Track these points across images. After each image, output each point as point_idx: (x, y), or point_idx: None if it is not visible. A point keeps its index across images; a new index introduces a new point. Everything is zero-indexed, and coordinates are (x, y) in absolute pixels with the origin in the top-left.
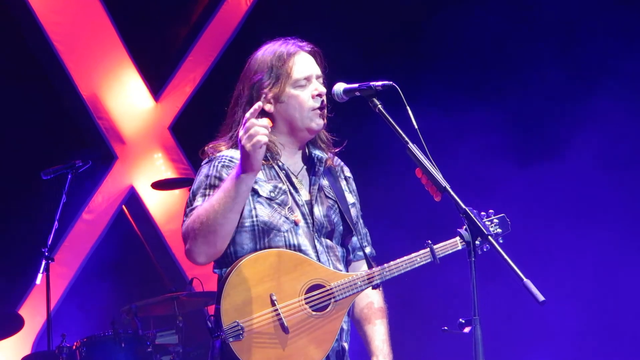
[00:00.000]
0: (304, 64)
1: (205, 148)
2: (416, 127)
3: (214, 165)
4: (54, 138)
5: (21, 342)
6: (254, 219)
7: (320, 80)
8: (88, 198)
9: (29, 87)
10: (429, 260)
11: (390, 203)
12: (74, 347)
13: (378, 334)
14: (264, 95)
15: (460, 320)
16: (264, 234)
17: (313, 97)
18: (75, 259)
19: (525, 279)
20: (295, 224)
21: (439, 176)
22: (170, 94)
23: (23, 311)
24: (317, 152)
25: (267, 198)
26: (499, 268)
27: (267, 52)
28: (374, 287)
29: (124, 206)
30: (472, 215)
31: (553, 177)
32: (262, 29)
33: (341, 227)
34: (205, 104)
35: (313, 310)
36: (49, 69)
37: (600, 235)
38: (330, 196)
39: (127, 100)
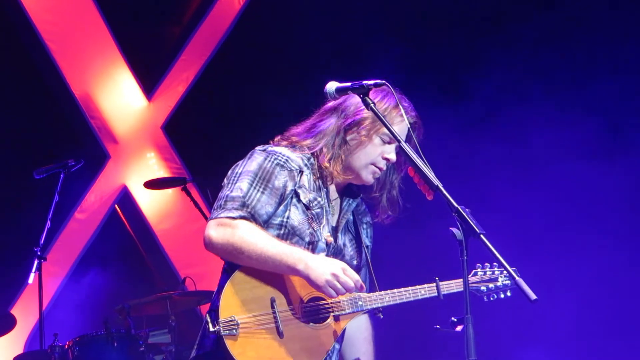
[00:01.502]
0: (402, 129)
1: (276, 138)
2: (408, 125)
3: (270, 160)
4: (46, 137)
5: (13, 342)
6: (285, 219)
7: (398, 148)
8: (81, 197)
9: (22, 86)
10: (434, 294)
11: None
12: (66, 347)
13: None
14: (356, 128)
15: (453, 318)
16: (287, 237)
17: (382, 157)
18: (67, 258)
19: (517, 277)
20: (327, 243)
21: (431, 175)
22: (163, 94)
23: (15, 310)
24: (352, 190)
25: (305, 205)
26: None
27: (391, 99)
28: (375, 312)
29: (116, 205)
30: (464, 214)
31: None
32: (255, 29)
33: (355, 262)
34: (198, 104)
35: (310, 321)
36: (42, 68)
37: (599, 232)
38: (351, 231)
39: (120, 99)
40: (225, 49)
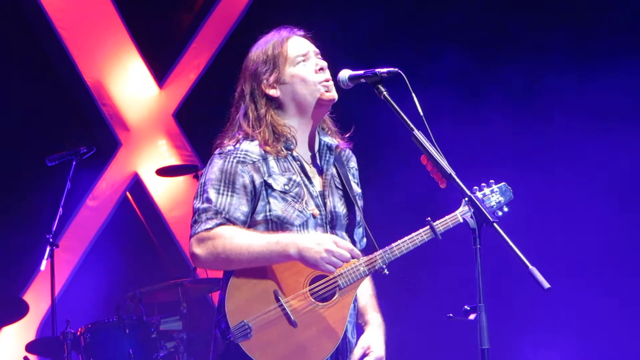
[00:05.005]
0: (298, 43)
1: (217, 143)
2: (421, 113)
3: (229, 161)
4: (58, 125)
5: (26, 328)
6: (268, 213)
7: (319, 56)
8: (92, 185)
9: (34, 74)
10: (431, 237)
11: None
12: (78, 333)
13: (369, 305)
14: (265, 82)
15: (466, 307)
16: (276, 229)
17: (316, 71)
18: (79, 245)
19: (530, 266)
20: (314, 217)
21: (444, 163)
22: (175, 81)
23: (27, 297)
24: (326, 139)
25: (281, 192)
26: (504, 255)
27: (260, 44)
28: (380, 271)
29: (128, 193)
30: (477, 202)
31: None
32: (266, 15)
33: (348, 218)
34: (209, 91)
35: (319, 301)
36: (53, 56)
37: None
38: (339, 186)
39: (131, 87)
40: (237, 36)
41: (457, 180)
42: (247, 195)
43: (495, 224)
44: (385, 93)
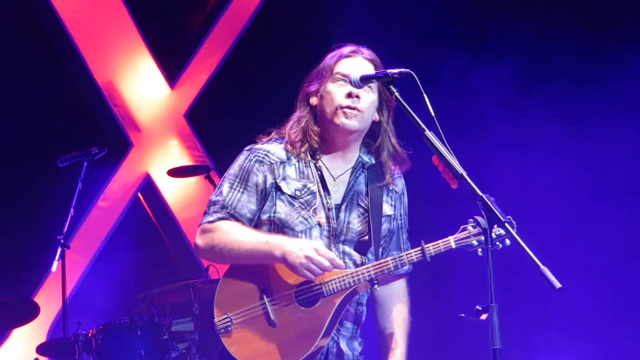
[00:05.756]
0: (349, 64)
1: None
2: (433, 114)
3: (249, 158)
4: (69, 125)
5: (37, 330)
6: (272, 214)
7: (365, 86)
8: (104, 185)
9: (45, 75)
10: (420, 258)
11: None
12: (89, 335)
13: (399, 346)
14: (312, 91)
15: (477, 307)
16: (278, 231)
17: (345, 96)
18: (90, 246)
19: (542, 266)
20: (319, 225)
21: (455, 163)
22: (186, 81)
23: (39, 298)
24: (363, 157)
25: (290, 196)
26: (516, 255)
27: (327, 55)
28: (372, 285)
29: (139, 193)
30: (489, 203)
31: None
32: (277, 16)
33: (366, 237)
34: (221, 91)
35: (302, 305)
36: (65, 56)
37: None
38: (362, 204)
39: (143, 87)
40: (248, 36)
41: (469, 180)
42: (258, 194)
43: (507, 224)
44: (397, 94)
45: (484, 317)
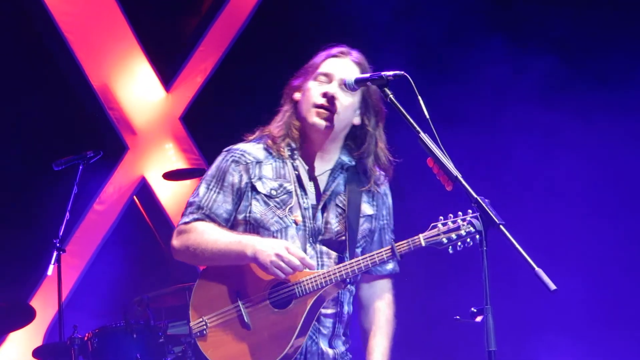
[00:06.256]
0: (334, 64)
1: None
2: (427, 116)
3: (226, 159)
4: (64, 129)
5: (33, 334)
6: (248, 214)
7: (342, 86)
8: (99, 189)
9: (40, 78)
10: (390, 257)
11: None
12: (85, 338)
13: (379, 347)
14: (296, 88)
15: (472, 309)
16: (253, 231)
17: (320, 94)
18: (86, 250)
19: (536, 268)
20: (295, 223)
21: (450, 165)
22: (181, 84)
23: (34, 302)
24: (343, 157)
25: (265, 195)
26: (511, 257)
27: (319, 52)
28: (344, 285)
29: (135, 197)
30: (483, 205)
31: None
32: (273, 19)
33: (344, 237)
34: (216, 94)
35: (275, 307)
36: (60, 59)
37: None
38: (340, 205)
39: (138, 90)
40: (244, 39)
41: (464, 182)
42: (234, 194)
43: (501, 226)
44: (391, 96)
45: (479, 319)
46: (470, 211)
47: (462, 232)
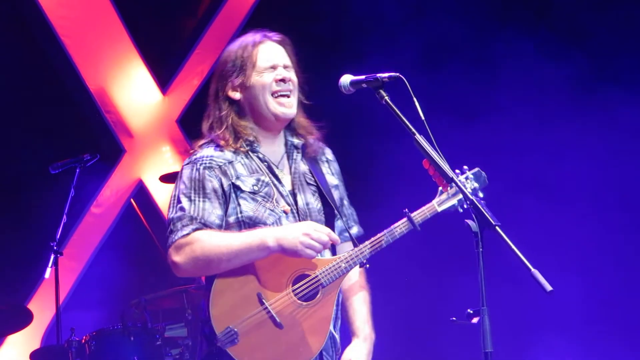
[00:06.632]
0: (269, 53)
1: (191, 150)
2: (423, 118)
3: (196, 168)
4: (61, 132)
5: (30, 336)
6: (239, 215)
7: (290, 70)
8: (96, 192)
9: (37, 81)
10: (410, 228)
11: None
12: (83, 341)
13: (359, 314)
14: (229, 84)
15: (469, 310)
16: (249, 229)
17: (276, 81)
18: (83, 252)
19: (532, 269)
20: (285, 213)
21: (446, 167)
22: (178, 87)
23: (32, 305)
24: (292, 139)
25: (250, 192)
26: (507, 258)
27: (234, 44)
28: (361, 266)
29: (132, 200)
30: (479, 206)
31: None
32: (269, 21)
33: (324, 212)
34: None
35: (303, 301)
36: (56, 63)
37: (609, 222)
38: (311, 182)
39: (135, 93)
40: None
41: (460, 184)
42: (219, 199)
43: (497, 228)
44: (386, 98)
45: (475, 320)
46: (466, 167)
47: (469, 190)
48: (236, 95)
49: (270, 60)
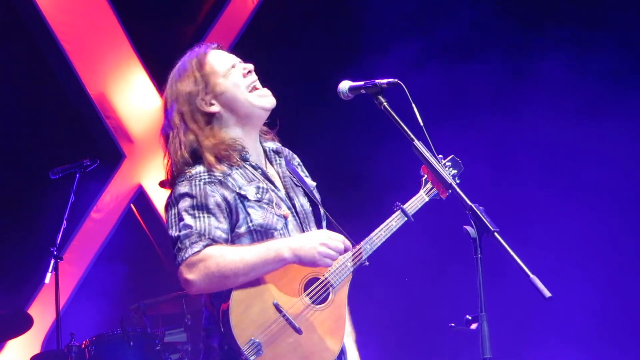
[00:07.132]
0: (220, 56)
1: (170, 176)
2: (421, 124)
3: (195, 184)
4: (61, 137)
5: (30, 341)
6: (250, 224)
7: (242, 62)
8: (96, 197)
9: (37, 86)
10: (404, 220)
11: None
12: (83, 346)
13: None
14: (202, 101)
15: (467, 316)
16: (261, 237)
17: (244, 75)
18: (83, 257)
19: (531, 275)
20: (285, 218)
21: (444, 173)
22: None
23: (32, 310)
24: (268, 145)
25: (256, 201)
26: (505, 264)
27: (181, 67)
28: (362, 264)
29: (132, 205)
30: (478, 212)
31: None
32: (268, 28)
33: (313, 213)
34: None
35: (316, 304)
36: (57, 68)
37: (609, 223)
38: (298, 185)
39: (135, 99)
40: (239, 48)
41: (459, 190)
42: (223, 213)
43: (496, 234)
44: (385, 104)
45: (473, 326)
46: (441, 155)
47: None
48: (214, 107)
49: (227, 61)
